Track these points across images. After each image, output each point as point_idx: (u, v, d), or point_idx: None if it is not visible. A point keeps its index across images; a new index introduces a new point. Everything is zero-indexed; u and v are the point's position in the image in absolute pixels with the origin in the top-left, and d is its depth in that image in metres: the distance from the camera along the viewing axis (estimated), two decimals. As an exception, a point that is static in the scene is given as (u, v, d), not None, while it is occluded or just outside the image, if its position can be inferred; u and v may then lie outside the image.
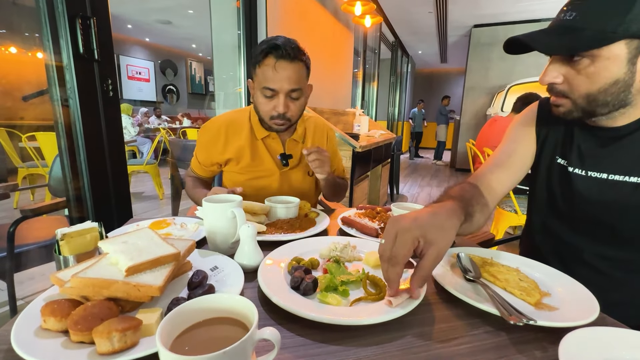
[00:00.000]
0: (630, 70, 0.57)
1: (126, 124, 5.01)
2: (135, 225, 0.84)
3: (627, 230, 0.67)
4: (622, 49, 0.55)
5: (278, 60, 0.93)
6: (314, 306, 0.50)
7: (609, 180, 0.66)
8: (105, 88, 1.29)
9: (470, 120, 6.47)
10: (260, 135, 1.08)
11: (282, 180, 1.12)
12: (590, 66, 0.58)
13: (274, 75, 0.94)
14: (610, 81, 0.58)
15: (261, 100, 0.99)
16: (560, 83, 0.62)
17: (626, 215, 0.66)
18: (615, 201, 0.66)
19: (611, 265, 0.70)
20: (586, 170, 0.69)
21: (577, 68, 0.59)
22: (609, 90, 0.59)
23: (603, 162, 0.67)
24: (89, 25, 1.20)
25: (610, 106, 0.61)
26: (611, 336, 0.45)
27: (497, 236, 2.34)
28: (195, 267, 0.60)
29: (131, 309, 0.48)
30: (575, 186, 0.71)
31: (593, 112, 0.63)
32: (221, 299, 0.41)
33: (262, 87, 0.97)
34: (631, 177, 0.64)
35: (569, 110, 0.64)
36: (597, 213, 0.69)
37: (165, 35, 7.57)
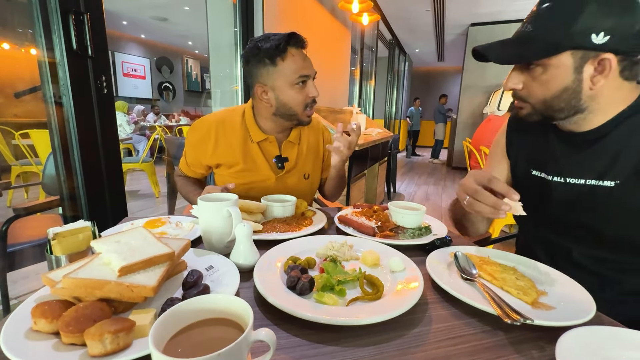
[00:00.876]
0: (577, 78, 0.61)
1: (121, 121, 4.96)
2: (129, 224, 0.83)
3: (610, 232, 0.68)
4: (568, 59, 0.60)
5: (301, 48, 0.95)
6: (310, 306, 0.49)
7: (587, 185, 0.68)
8: (100, 85, 1.27)
9: (467, 119, 6.49)
10: (257, 138, 1.05)
11: (278, 185, 1.08)
12: (543, 74, 0.63)
13: (305, 62, 0.96)
14: (560, 88, 0.63)
15: (294, 94, 0.97)
16: (521, 89, 0.68)
17: (606, 218, 0.67)
18: (594, 205, 0.68)
19: (601, 265, 0.71)
20: (564, 177, 0.72)
21: (533, 75, 0.65)
22: (560, 96, 0.63)
23: (579, 168, 0.70)
24: (83, 21, 1.18)
25: (565, 112, 0.65)
26: (608, 335, 0.45)
27: (493, 235, 2.35)
28: (190, 266, 0.60)
29: (124, 310, 0.47)
30: (556, 194, 0.73)
31: (551, 117, 0.67)
32: (216, 299, 0.40)
33: (296, 77, 0.95)
34: (604, 181, 0.66)
35: (530, 113, 0.69)
36: (580, 217, 0.71)
37: (161, 32, 7.50)
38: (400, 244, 0.75)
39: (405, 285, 0.56)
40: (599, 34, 0.56)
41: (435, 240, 0.76)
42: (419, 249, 0.77)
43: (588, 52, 0.59)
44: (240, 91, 2.54)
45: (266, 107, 1.01)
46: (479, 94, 6.27)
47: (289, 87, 0.96)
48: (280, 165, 1.07)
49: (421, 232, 0.82)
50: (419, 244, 0.77)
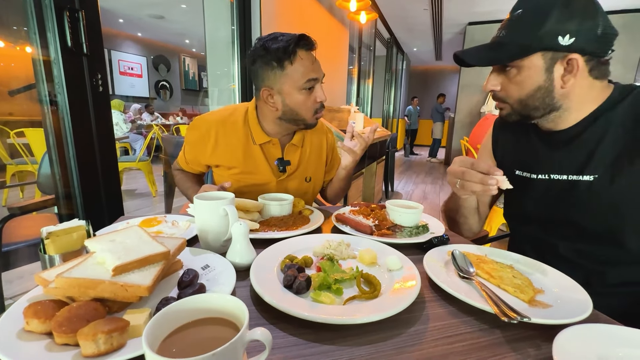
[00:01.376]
0: (549, 77, 0.66)
1: (118, 120, 4.93)
2: (125, 223, 0.82)
3: (591, 225, 0.71)
4: (539, 60, 0.65)
5: (310, 50, 0.93)
6: (307, 305, 0.49)
7: (568, 180, 0.72)
8: (95, 83, 1.26)
9: (464, 118, 6.50)
10: (259, 140, 1.02)
11: (279, 188, 1.06)
12: (517, 75, 0.67)
13: (314, 65, 0.93)
14: (534, 87, 0.67)
15: (302, 98, 0.94)
16: (499, 90, 0.72)
17: (587, 212, 0.71)
18: (576, 200, 0.71)
19: (585, 259, 0.73)
20: (547, 174, 0.75)
21: (509, 77, 0.69)
22: (534, 95, 0.68)
23: (560, 164, 0.74)
24: (78, 18, 1.16)
25: (540, 110, 0.70)
26: (604, 333, 0.45)
27: (490, 232, 2.36)
28: (186, 265, 0.59)
29: (119, 310, 0.46)
30: (540, 191, 0.77)
31: (529, 116, 0.71)
32: (211, 298, 0.40)
33: (305, 81, 0.91)
34: (584, 175, 0.70)
35: (509, 113, 0.73)
36: (563, 212, 0.74)
37: (158, 30, 7.45)
38: (398, 243, 0.75)
39: (402, 284, 0.56)
40: (564, 36, 0.61)
41: (433, 239, 0.76)
42: (416, 248, 0.76)
43: (557, 53, 0.64)
44: (237, 89, 2.52)
45: (272, 110, 0.97)
46: (477, 93, 6.29)
47: (297, 92, 0.92)
48: (282, 169, 1.05)
49: (418, 231, 0.81)
50: (416, 243, 0.77)
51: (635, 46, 5.02)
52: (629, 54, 5.05)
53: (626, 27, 5.01)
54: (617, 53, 1.83)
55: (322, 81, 0.97)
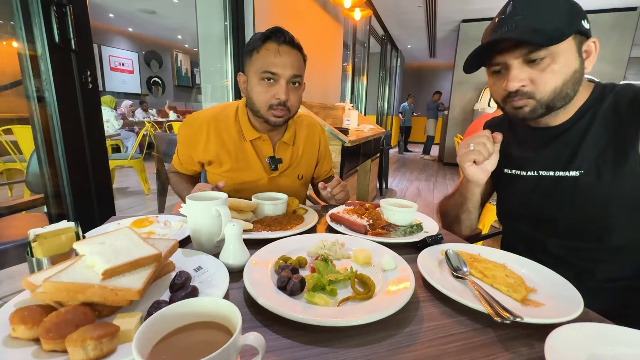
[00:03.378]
0: (581, 59, 0.68)
1: (109, 117, 4.86)
2: (116, 223, 0.81)
3: (579, 222, 0.73)
4: (571, 43, 0.66)
5: (280, 44, 0.90)
6: (301, 307, 0.49)
7: (556, 176, 0.74)
8: (84, 80, 1.23)
9: (458, 115, 6.54)
10: (249, 136, 1.02)
11: (270, 185, 1.06)
12: (552, 64, 0.66)
13: (276, 59, 0.90)
14: (571, 71, 0.67)
15: (259, 89, 0.93)
16: (527, 85, 0.69)
17: (574, 207, 0.72)
18: (563, 195, 0.74)
19: (576, 256, 0.75)
20: (537, 170, 0.77)
21: (541, 67, 0.67)
22: (570, 80, 0.67)
23: (548, 160, 0.75)
24: (65, 13, 1.13)
25: (568, 98, 0.69)
26: (596, 332, 0.45)
27: (484, 229, 2.39)
28: (179, 267, 0.58)
29: (109, 314, 0.45)
30: (530, 188, 0.79)
31: (554, 106, 0.70)
32: (203, 302, 0.39)
33: (262, 72, 0.91)
34: (570, 171, 0.72)
35: (533, 109, 0.70)
36: (552, 208, 0.76)
37: (149, 26, 7.32)
38: (392, 242, 0.75)
39: (396, 284, 0.56)
40: (584, 20, 0.65)
41: (427, 238, 0.76)
42: (410, 247, 0.77)
43: (582, 37, 0.66)
44: (231, 86, 2.50)
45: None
46: (470, 91, 6.32)
47: (257, 82, 0.93)
48: (274, 167, 1.05)
49: (412, 230, 0.82)
50: (410, 242, 0.77)
51: (625, 44, 5.09)
52: (619, 52, 5.12)
53: (616, 25, 5.07)
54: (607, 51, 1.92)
55: (293, 82, 0.94)
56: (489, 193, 0.97)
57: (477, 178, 0.78)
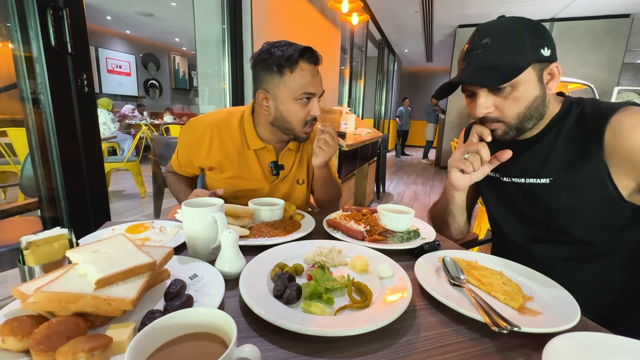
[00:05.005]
0: (542, 86, 0.71)
1: (105, 119, 4.83)
2: (110, 229, 0.80)
3: (556, 227, 0.76)
4: (531, 72, 0.69)
5: (313, 64, 0.93)
6: (298, 316, 0.48)
7: (527, 183, 0.78)
8: (80, 83, 1.23)
9: (454, 119, 6.57)
10: (254, 146, 1.01)
11: (271, 193, 1.06)
12: (514, 91, 0.70)
13: (314, 79, 0.92)
14: (532, 98, 0.71)
15: (295, 109, 0.92)
16: (492, 112, 0.73)
17: (547, 213, 0.76)
18: (536, 201, 0.78)
19: (558, 259, 0.78)
20: (510, 177, 0.81)
21: (503, 95, 0.71)
22: (532, 106, 0.72)
23: (520, 168, 0.79)
24: (62, 16, 1.13)
25: (534, 119, 0.74)
26: (593, 341, 0.45)
27: (480, 234, 2.39)
28: (174, 275, 0.58)
29: (102, 324, 0.45)
30: (508, 193, 0.83)
31: (523, 128, 0.75)
32: (198, 313, 0.39)
33: (301, 93, 0.91)
34: (541, 178, 0.76)
35: (505, 131, 0.75)
36: (528, 213, 0.80)
37: (146, 28, 7.31)
38: (389, 249, 0.75)
39: (393, 293, 0.56)
40: (543, 48, 0.68)
41: (424, 245, 0.76)
42: (407, 253, 0.76)
43: (542, 64, 0.70)
44: (228, 89, 2.50)
45: (265, 115, 0.97)
46: (467, 95, 6.35)
47: (291, 101, 0.92)
48: (275, 172, 1.04)
49: (410, 236, 0.81)
50: (407, 248, 0.76)
51: (618, 50, 5.15)
52: (613, 58, 5.18)
53: (610, 31, 5.14)
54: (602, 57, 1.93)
55: (320, 96, 0.96)
56: (473, 199, 1.00)
57: (458, 184, 0.80)
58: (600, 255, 0.75)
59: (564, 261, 0.78)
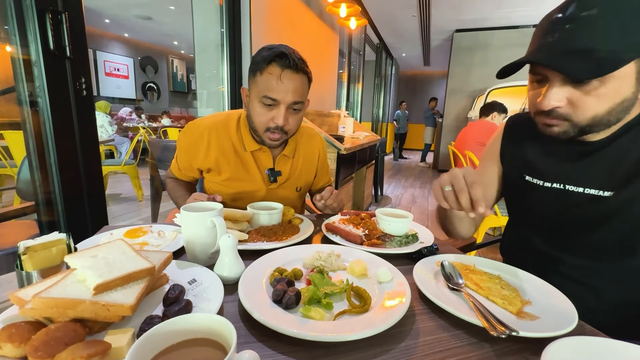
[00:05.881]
0: (637, 88, 0.57)
1: (103, 122, 4.82)
2: (109, 234, 0.79)
3: (602, 243, 0.68)
4: (632, 68, 0.55)
5: (284, 69, 0.88)
6: (297, 321, 0.48)
7: (585, 193, 0.67)
8: (79, 87, 1.23)
9: (452, 123, 6.61)
10: (250, 147, 1.02)
11: (269, 197, 1.06)
12: (601, 87, 0.56)
13: (278, 85, 0.89)
14: (618, 100, 0.57)
15: (258, 110, 0.93)
16: (564, 107, 0.60)
17: (599, 228, 0.67)
18: (590, 213, 0.67)
19: (587, 274, 0.70)
20: (563, 184, 0.70)
21: (586, 90, 0.57)
22: (614, 110, 0.58)
23: (579, 176, 0.68)
24: (61, 20, 1.13)
25: (608, 125, 0.61)
26: (591, 346, 0.45)
27: (478, 237, 2.40)
28: (172, 280, 0.58)
29: (100, 330, 0.44)
30: (550, 200, 0.72)
31: (589, 132, 0.62)
32: (197, 319, 0.39)
33: (262, 96, 0.90)
34: (604, 190, 0.64)
35: (565, 131, 0.63)
36: (574, 226, 0.70)
37: (145, 31, 7.33)
38: (388, 253, 0.75)
39: (392, 298, 0.56)
40: None
41: (422, 249, 0.76)
42: (406, 257, 0.76)
43: None
44: (227, 92, 2.50)
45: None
46: (464, 99, 6.40)
47: (256, 102, 0.92)
48: (273, 179, 1.05)
49: (408, 240, 0.82)
50: (406, 253, 0.77)
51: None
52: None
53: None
54: None
55: (290, 107, 0.92)
56: (496, 198, 0.89)
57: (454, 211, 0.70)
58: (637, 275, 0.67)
59: (591, 277, 0.70)
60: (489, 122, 2.89)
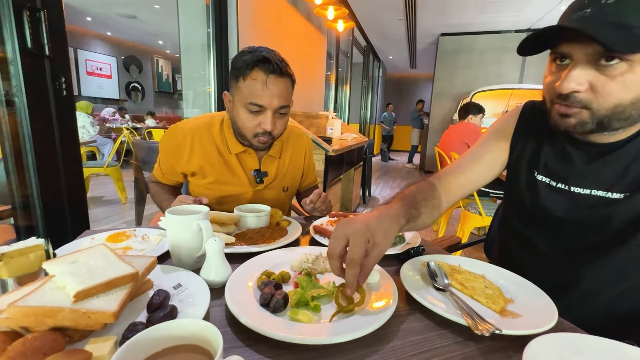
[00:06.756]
0: None
1: (84, 123, 4.68)
2: (90, 238, 0.77)
3: (599, 244, 0.66)
4: None
5: (268, 75, 0.87)
6: (284, 325, 0.48)
7: (592, 195, 0.64)
8: (58, 86, 1.19)
9: (437, 125, 6.73)
10: (235, 150, 1.01)
11: (255, 198, 1.05)
12: (628, 73, 0.51)
13: (264, 91, 0.87)
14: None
15: (244, 117, 0.91)
16: (584, 91, 0.55)
17: (602, 230, 0.64)
18: (596, 216, 0.64)
19: (578, 272, 0.69)
20: (569, 186, 0.67)
21: (611, 74, 0.52)
22: (639, 102, 0.54)
23: (586, 178, 0.66)
24: (39, 18, 1.09)
25: (629, 121, 0.56)
26: (570, 342, 0.47)
27: (463, 237, 2.44)
28: (157, 285, 0.56)
29: (81, 339, 0.43)
30: (555, 200, 0.69)
31: (608, 126, 0.57)
32: (182, 324, 0.38)
33: (247, 103, 0.89)
34: (613, 193, 0.62)
35: (582, 123, 0.58)
36: (576, 226, 0.68)
37: (129, 30, 7.17)
38: (375, 254, 0.76)
39: (379, 299, 0.56)
40: None
41: (409, 250, 0.77)
42: (393, 259, 0.77)
43: None
44: (213, 93, 2.47)
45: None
46: (449, 101, 6.53)
47: (242, 109, 0.91)
48: (259, 180, 1.04)
49: (395, 241, 0.82)
50: (393, 254, 0.77)
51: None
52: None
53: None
54: None
55: (279, 112, 0.93)
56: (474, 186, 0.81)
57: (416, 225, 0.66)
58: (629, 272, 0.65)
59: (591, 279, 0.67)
60: (470, 123, 2.95)
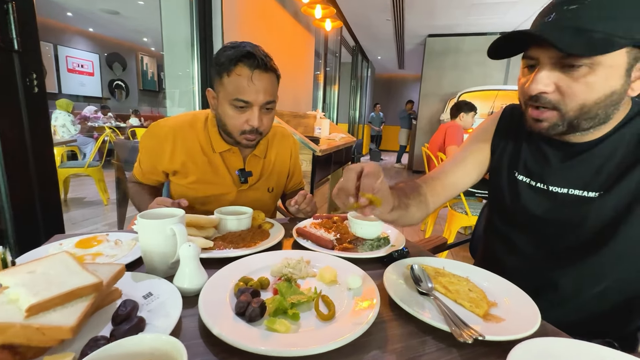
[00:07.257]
0: (626, 81, 0.55)
1: (65, 121, 4.53)
2: (58, 244, 0.73)
3: (578, 243, 0.67)
4: (623, 58, 0.53)
5: (253, 70, 0.85)
6: (260, 335, 0.45)
7: (569, 194, 0.66)
8: (29, 83, 1.13)
9: (425, 125, 6.79)
10: (219, 148, 0.98)
11: (239, 199, 1.02)
12: (590, 75, 0.54)
13: (250, 87, 0.85)
14: (607, 92, 0.55)
15: (231, 114, 0.89)
16: (551, 92, 0.58)
17: (584, 228, 0.65)
18: (573, 214, 0.66)
19: (575, 279, 0.69)
20: (547, 185, 0.69)
21: (574, 76, 0.55)
22: (602, 102, 0.56)
23: (563, 177, 0.67)
24: (7, 10, 1.03)
25: (596, 120, 0.59)
26: (553, 346, 0.46)
27: (450, 236, 2.46)
28: (126, 294, 0.53)
29: (34, 356, 0.39)
30: (536, 200, 0.71)
31: (578, 126, 0.60)
32: (145, 340, 0.35)
33: (233, 99, 0.86)
34: (589, 192, 0.64)
35: (554, 125, 0.61)
36: (555, 225, 0.69)
37: (112, 26, 6.97)
38: (358, 257, 0.74)
39: (361, 305, 0.54)
40: None
41: (393, 253, 0.75)
42: (377, 262, 0.76)
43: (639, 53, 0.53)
44: (197, 91, 2.42)
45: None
46: (436, 102, 6.60)
47: (227, 105, 0.88)
48: (244, 180, 1.01)
49: (380, 244, 0.81)
50: (377, 257, 0.76)
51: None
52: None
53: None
54: None
55: (266, 108, 0.91)
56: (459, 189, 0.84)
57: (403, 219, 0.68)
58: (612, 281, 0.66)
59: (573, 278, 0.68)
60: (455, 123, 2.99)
